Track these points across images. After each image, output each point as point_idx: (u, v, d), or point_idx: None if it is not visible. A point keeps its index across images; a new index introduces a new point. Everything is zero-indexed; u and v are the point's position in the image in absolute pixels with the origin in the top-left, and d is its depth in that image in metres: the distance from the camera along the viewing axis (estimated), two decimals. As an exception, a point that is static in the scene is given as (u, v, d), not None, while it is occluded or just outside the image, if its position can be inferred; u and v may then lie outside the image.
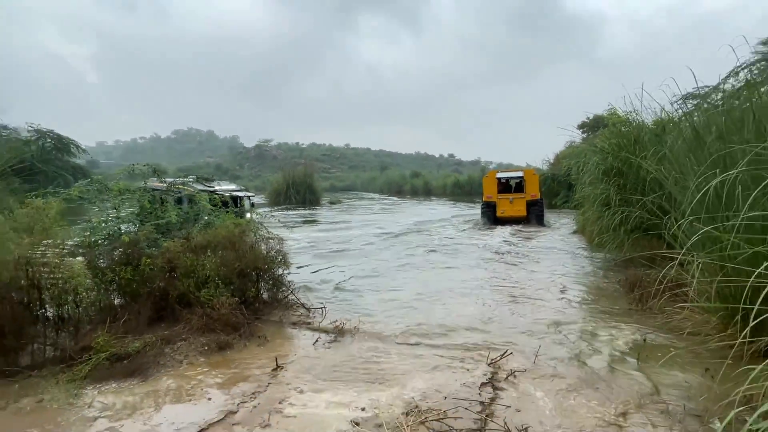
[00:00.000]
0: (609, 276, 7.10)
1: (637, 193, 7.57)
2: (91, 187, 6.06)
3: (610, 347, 4.08)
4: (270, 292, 5.56)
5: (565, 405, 3.08)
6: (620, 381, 3.41)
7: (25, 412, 3.04)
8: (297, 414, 2.99)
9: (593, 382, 3.40)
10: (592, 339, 4.29)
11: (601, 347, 4.09)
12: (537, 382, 3.43)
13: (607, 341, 4.23)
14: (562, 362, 3.78)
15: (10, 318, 3.66)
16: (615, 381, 3.42)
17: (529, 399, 3.16)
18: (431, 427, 2.76)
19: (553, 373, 3.59)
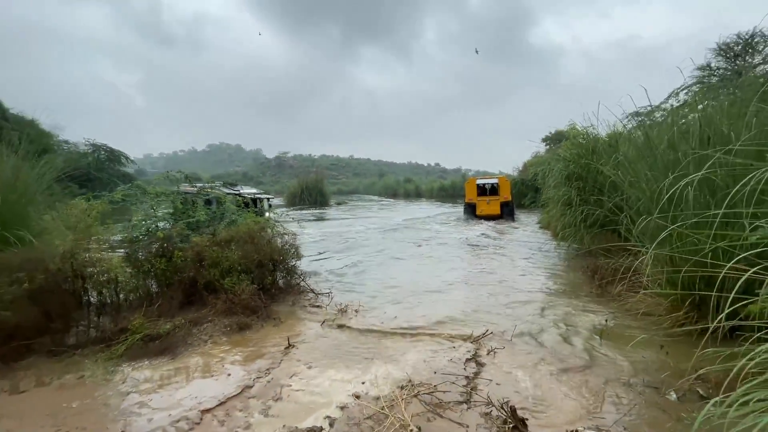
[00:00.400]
0: (572, 265, 6.93)
1: (595, 195, 7.44)
2: (132, 191, 5.88)
3: (576, 328, 3.90)
4: (284, 280, 5.37)
5: (537, 378, 2.91)
6: (585, 357, 3.24)
7: (66, 387, 2.86)
8: (305, 388, 2.82)
9: (562, 359, 3.23)
10: (560, 321, 4.11)
11: (568, 327, 3.91)
12: (514, 358, 3.26)
13: (573, 323, 4.05)
14: (535, 341, 3.60)
15: (58, 304, 3.47)
16: (581, 357, 3.25)
17: (507, 373, 2.99)
18: (423, 400, 2.58)
19: (527, 350, 3.42)
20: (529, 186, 20.52)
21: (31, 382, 2.93)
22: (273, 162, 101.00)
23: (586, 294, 5.01)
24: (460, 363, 3.15)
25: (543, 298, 4.96)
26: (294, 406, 2.57)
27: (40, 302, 3.35)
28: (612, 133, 8.01)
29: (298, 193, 31.02)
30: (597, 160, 7.27)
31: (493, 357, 3.27)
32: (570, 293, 5.13)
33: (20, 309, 3.22)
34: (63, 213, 3.87)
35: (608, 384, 2.79)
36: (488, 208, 16.01)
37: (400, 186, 51.87)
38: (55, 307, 3.44)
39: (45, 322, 3.38)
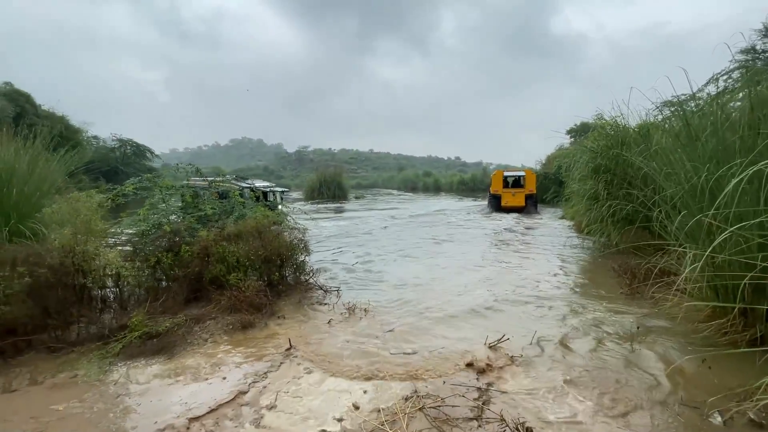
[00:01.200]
0: (599, 263, 6.48)
1: (624, 188, 6.95)
2: (142, 184, 5.83)
3: (604, 334, 3.54)
4: (293, 276, 5.20)
5: (558, 392, 2.60)
6: (616, 369, 2.90)
7: (58, 387, 2.75)
8: (302, 395, 2.61)
9: (588, 369, 2.90)
10: (587, 325, 3.75)
11: (595, 333, 3.55)
12: (532, 368, 2.95)
13: (601, 328, 3.68)
14: (558, 348, 3.27)
15: (57, 299, 3.39)
16: (609, 368, 2.91)
17: (524, 386, 2.70)
18: (428, 414, 2.33)
19: (548, 358, 3.10)
20: (553, 180, 19.72)
21: (24, 380, 2.85)
22: (293, 156, 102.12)
23: (615, 295, 4.60)
24: (473, 372, 2.87)
25: (567, 299, 4.59)
26: (287, 418, 2.36)
27: (40, 297, 3.28)
28: (643, 123, 7.47)
29: (316, 187, 31.06)
30: (627, 151, 6.78)
31: (510, 365, 2.98)
32: (597, 294, 4.74)
33: (20, 304, 3.16)
34: (63, 206, 3.78)
35: (641, 401, 2.45)
36: (513, 199, 16.40)
37: (420, 180, 51.32)
38: (54, 303, 3.36)
39: (44, 318, 3.31)
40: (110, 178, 24.68)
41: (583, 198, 8.24)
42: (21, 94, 23.22)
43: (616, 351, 3.18)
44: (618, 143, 7.32)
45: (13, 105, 21.83)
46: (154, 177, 5.92)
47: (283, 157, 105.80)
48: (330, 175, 31.80)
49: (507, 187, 16.85)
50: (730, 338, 3.16)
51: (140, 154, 33.11)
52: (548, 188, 19.93)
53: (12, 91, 22.94)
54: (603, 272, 5.76)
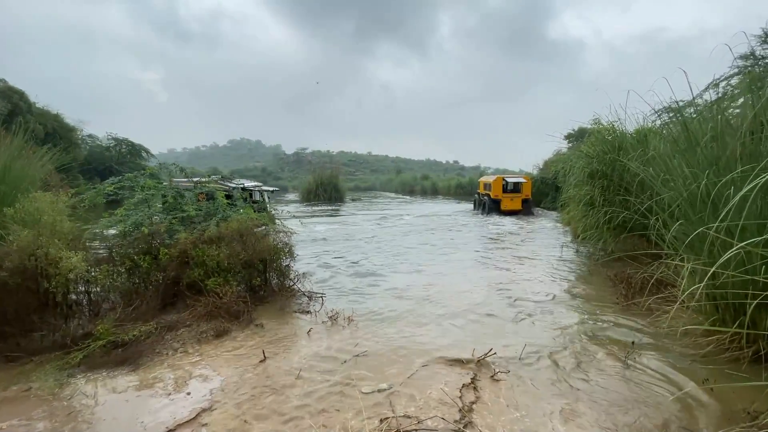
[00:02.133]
0: (594, 271, 6.30)
1: (621, 195, 6.79)
2: (123, 183, 5.62)
3: (599, 347, 3.35)
4: (277, 281, 4.99)
5: (547, 413, 2.41)
6: (609, 387, 2.71)
7: (7, 402, 2.54)
8: (270, 414, 2.40)
9: (579, 388, 2.71)
10: (580, 338, 3.57)
11: (589, 347, 3.36)
12: (520, 385, 2.75)
13: (595, 341, 3.50)
14: (548, 365, 3.07)
15: (16, 304, 3.19)
16: (603, 387, 2.72)
17: (510, 405, 2.50)
18: (404, 439, 2.13)
19: (537, 375, 2.90)
20: (550, 185, 19.57)
21: (-28, 393, 2.64)
22: (292, 158, 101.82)
23: (610, 305, 4.42)
24: (456, 389, 2.68)
25: (561, 309, 4.40)
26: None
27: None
28: (640, 128, 7.34)
29: (313, 188, 30.81)
30: (624, 156, 6.63)
31: (496, 383, 2.78)
32: (592, 304, 4.55)
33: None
34: (28, 206, 3.57)
35: (637, 427, 2.26)
36: (512, 204, 17.62)
37: (417, 183, 51.12)
38: (13, 309, 3.15)
39: (1, 324, 3.10)
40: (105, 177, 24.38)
41: (578, 204, 8.08)
42: (15, 91, 22.92)
43: (611, 368, 2.99)
44: (615, 148, 7.18)
45: (5, 102, 21.56)
46: (135, 177, 5.70)
47: (282, 158, 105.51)
48: (327, 177, 31.59)
49: (506, 192, 17.78)
50: (732, 355, 2.98)
51: (136, 154, 32.75)
52: (546, 193, 19.78)
53: (5, 88, 22.64)
54: (599, 281, 5.58)
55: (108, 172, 27.02)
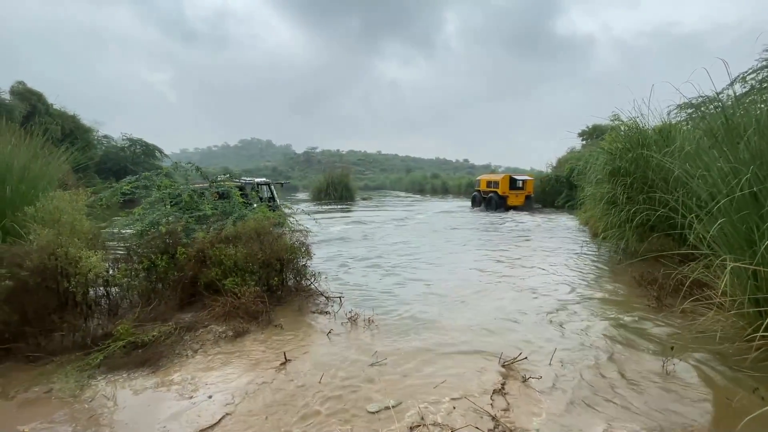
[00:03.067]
0: (618, 271, 6.09)
1: (644, 192, 6.57)
2: (139, 183, 5.62)
3: (632, 353, 3.19)
4: (293, 281, 4.92)
5: (582, 423, 2.27)
6: (645, 394, 2.56)
7: (29, 403, 2.50)
8: (294, 420, 2.31)
9: (615, 395, 2.57)
10: (610, 341, 3.41)
11: (622, 352, 3.21)
12: (552, 391, 2.62)
13: (627, 345, 3.34)
14: (579, 369, 2.93)
15: (37, 304, 3.15)
16: (639, 392, 2.57)
17: (542, 411, 2.37)
18: (437, 449, 2.02)
19: (569, 381, 2.77)
20: (565, 183, 19.21)
21: (-5, 394, 2.60)
22: (302, 157, 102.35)
23: (640, 308, 4.24)
24: (486, 395, 2.56)
25: (588, 312, 4.24)
26: (275, 449, 2.07)
27: (18, 302, 3.04)
28: (664, 124, 7.09)
29: (323, 188, 30.84)
30: (647, 152, 6.41)
31: (527, 389, 2.65)
32: (620, 306, 4.37)
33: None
34: (48, 205, 3.54)
35: (684, 439, 2.12)
36: (516, 200, 19.36)
37: (427, 182, 50.88)
38: (33, 308, 3.12)
39: (22, 325, 3.07)
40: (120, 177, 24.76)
41: (599, 202, 7.85)
42: (33, 93, 23.38)
43: (649, 374, 2.84)
44: (638, 145, 6.94)
45: (25, 104, 22.00)
46: (152, 176, 5.70)
47: (292, 158, 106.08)
48: (337, 177, 31.58)
49: (513, 189, 19.44)
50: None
51: (150, 154, 33.17)
52: (560, 192, 19.40)
53: (24, 90, 23.11)
54: (624, 282, 5.39)
55: (123, 171, 27.41)
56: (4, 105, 20.01)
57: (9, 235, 4.40)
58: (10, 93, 22.43)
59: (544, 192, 20.58)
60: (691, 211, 3.88)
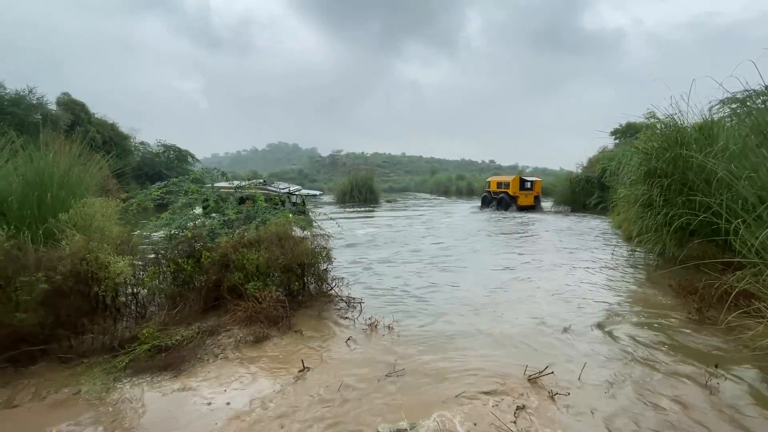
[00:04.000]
0: (654, 279, 5.74)
1: (683, 195, 6.16)
2: (170, 188, 5.80)
3: (671, 368, 2.97)
4: (314, 286, 4.93)
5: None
6: (692, 419, 2.36)
7: (58, 405, 2.59)
8: (311, 427, 2.28)
9: (656, 418, 2.38)
10: (648, 356, 3.18)
11: (659, 368, 2.99)
12: (580, 410, 2.46)
13: (666, 360, 3.11)
14: (613, 386, 2.75)
15: (69, 308, 3.29)
16: (684, 418, 2.37)
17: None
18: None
19: (600, 399, 2.60)
20: (596, 184, 18.43)
21: (28, 394, 2.72)
22: (327, 160, 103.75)
23: (678, 319, 3.96)
24: (509, 412, 2.43)
25: (622, 322, 4.00)
26: (290, 461, 2.04)
27: (52, 305, 3.17)
28: (705, 121, 6.64)
29: (348, 190, 31.04)
30: (687, 152, 6.03)
31: (554, 405, 2.51)
32: (657, 317, 4.10)
33: (31, 312, 3.06)
34: (81, 211, 3.70)
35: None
36: (526, 200, 20.47)
37: (452, 183, 50.29)
38: (66, 311, 3.25)
39: (56, 327, 3.21)
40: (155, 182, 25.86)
41: (633, 205, 7.45)
42: (77, 103, 24.86)
43: (692, 393, 2.62)
44: (676, 144, 6.53)
45: (68, 113, 23.41)
46: (180, 181, 5.87)
47: (317, 160, 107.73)
48: (362, 179, 31.72)
49: (523, 190, 20.56)
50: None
51: (182, 159, 34.53)
52: (591, 192, 18.64)
53: (69, 100, 24.61)
54: (660, 291, 5.07)
55: (158, 176, 28.65)
56: (50, 115, 21.35)
57: (49, 240, 4.65)
58: (56, 104, 23.92)
59: (574, 193, 19.79)
60: (736, 215, 3.59)
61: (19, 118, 19.12)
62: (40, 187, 4.89)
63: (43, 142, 5.39)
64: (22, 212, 4.59)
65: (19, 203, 4.58)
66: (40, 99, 21.90)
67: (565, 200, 20.07)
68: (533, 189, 20.77)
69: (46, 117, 20.54)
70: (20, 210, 4.58)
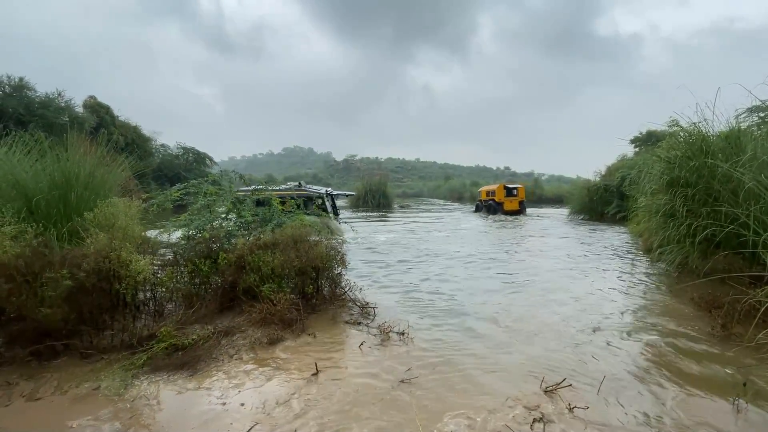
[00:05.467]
0: (676, 292, 5.56)
1: (708, 205, 5.97)
2: (189, 190, 5.93)
3: (696, 386, 2.86)
4: (328, 289, 4.94)
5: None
6: (715, 437, 2.26)
7: (79, 399, 2.65)
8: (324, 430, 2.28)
9: None
10: (670, 373, 3.08)
11: (684, 385, 2.88)
12: (599, 425, 2.39)
13: (689, 377, 3.00)
14: (634, 402, 2.66)
15: (91, 304, 3.38)
16: None
17: (594, 450, 2.16)
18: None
19: (620, 414, 2.52)
20: (615, 192, 18.02)
21: (51, 387, 2.79)
22: (341, 165, 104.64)
23: (701, 335, 3.82)
24: (526, 423, 2.38)
25: (643, 336, 3.88)
26: (303, 465, 2.04)
27: (75, 302, 3.26)
28: (731, 130, 6.44)
29: (362, 195, 31.21)
30: (711, 161, 5.85)
31: (572, 419, 2.44)
32: (679, 331, 3.96)
33: (55, 308, 3.15)
34: (105, 210, 3.80)
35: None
36: (511, 205, 22.72)
37: (466, 189, 50.00)
38: (88, 308, 3.34)
39: (78, 323, 3.29)
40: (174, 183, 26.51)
41: (654, 215, 7.26)
42: (102, 106, 25.77)
43: (719, 413, 2.52)
44: (701, 152, 6.34)
45: (94, 116, 24.24)
46: (199, 183, 5.99)
47: (332, 165, 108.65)
48: (375, 184, 31.88)
49: (508, 196, 22.93)
50: None
51: (201, 161, 35.34)
52: (609, 201, 18.23)
53: (95, 103, 25.53)
54: (683, 304, 4.90)
55: (177, 178, 29.35)
56: (77, 118, 22.13)
57: (73, 238, 4.80)
58: (82, 106, 24.80)
59: (591, 201, 19.39)
60: (765, 227, 3.47)
61: (48, 119, 19.88)
62: (66, 187, 5.06)
63: (70, 144, 5.58)
64: (48, 211, 4.76)
65: (46, 202, 4.75)
66: (68, 102, 22.74)
67: (582, 209, 19.69)
68: (518, 195, 23.23)
69: (73, 119, 21.29)
70: (47, 209, 4.75)
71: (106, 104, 26.43)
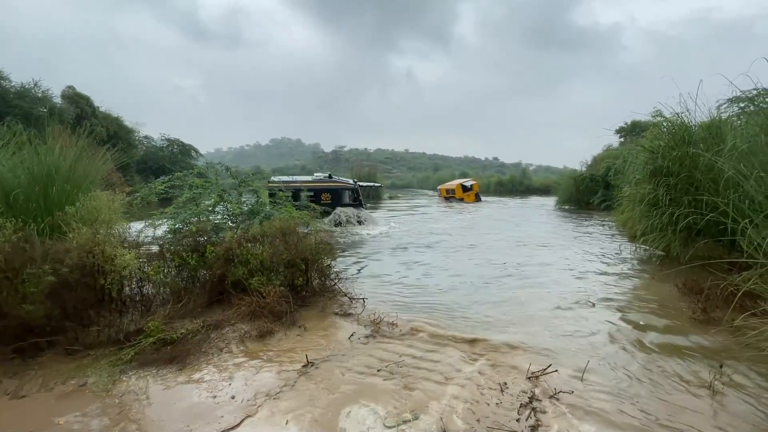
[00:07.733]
0: (658, 278, 5.72)
1: (690, 194, 6.12)
2: (174, 182, 5.82)
3: (676, 368, 2.96)
4: (318, 281, 4.94)
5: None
6: (688, 417, 2.35)
7: (65, 396, 2.62)
8: (310, 428, 2.29)
9: (659, 419, 2.38)
10: (652, 355, 3.18)
11: (664, 367, 2.98)
12: (584, 410, 2.46)
13: (670, 359, 3.10)
14: (617, 384, 2.75)
15: (75, 300, 3.31)
16: (682, 421, 2.37)
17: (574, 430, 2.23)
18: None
19: (603, 396, 2.59)
20: (600, 182, 18.33)
21: (35, 385, 2.74)
22: (330, 156, 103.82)
23: (683, 319, 3.94)
24: (513, 409, 2.44)
25: (627, 321, 3.99)
26: (294, 455, 2.06)
27: (58, 297, 3.20)
28: (713, 120, 6.58)
29: (351, 186, 31.06)
30: (693, 151, 5.98)
31: (557, 403, 2.51)
32: (661, 316, 4.09)
33: (38, 304, 3.08)
34: (87, 204, 3.71)
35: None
36: (469, 198, 26.53)
37: (455, 180, 50.20)
38: (72, 304, 3.28)
39: (62, 319, 3.23)
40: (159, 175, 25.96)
41: (638, 203, 7.41)
42: (81, 96, 24.95)
43: (696, 394, 2.61)
44: (683, 142, 6.48)
45: (73, 107, 23.50)
46: (184, 176, 5.89)
47: (320, 156, 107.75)
48: (364, 175, 31.74)
49: (465, 192, 26.75)
50: None
51: (186, 153, 34.64)
52: (595, 191, 18.54)
53: (73, 94, 24.70)
54: (665, 290, 5.04)
55: (161, 170, 28.76)
56: (56, 109, 21.43)
57: (54, 233, 4.68)
58: (61, 97, 23.99)
59: (578, 191, 19.71)
60: (743, 215, 3.57)
61: (25, 110, 19.22)
62: (45, 181, 4.91)
63: (50, 136, 5.40)
64: (28, 205, 4.62)
65: (26, 196, 4.61)
66: (45, 92, 21.99)
67: (569, 199, 20.00)
68: (473, 189, 27.33)
69: (51, 110, 20.61)
70: (26, 203, 4.61)
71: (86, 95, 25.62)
